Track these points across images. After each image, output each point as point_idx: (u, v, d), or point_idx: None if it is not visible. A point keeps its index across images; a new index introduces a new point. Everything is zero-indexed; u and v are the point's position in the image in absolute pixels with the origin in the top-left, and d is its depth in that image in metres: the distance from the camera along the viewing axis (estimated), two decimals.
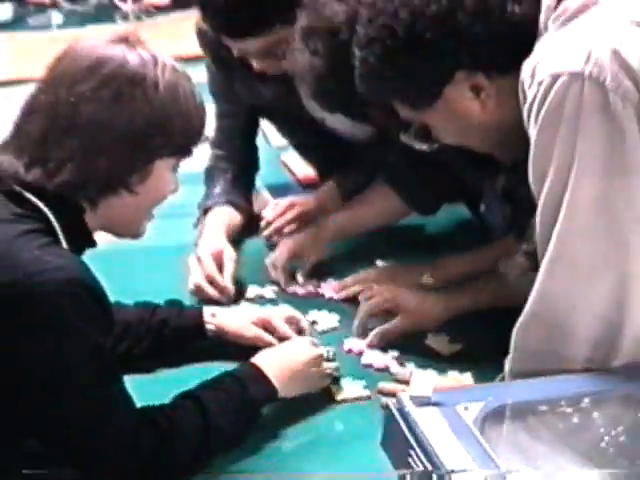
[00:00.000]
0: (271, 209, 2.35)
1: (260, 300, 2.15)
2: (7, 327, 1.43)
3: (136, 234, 1.68)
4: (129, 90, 1.51)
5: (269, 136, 2.86)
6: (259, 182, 2.57)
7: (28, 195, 1.51)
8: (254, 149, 2.54)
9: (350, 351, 1.92)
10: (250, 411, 1.66)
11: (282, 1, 2.03)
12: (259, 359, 1.73)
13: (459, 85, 1.55)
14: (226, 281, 2.14)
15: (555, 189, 1.41)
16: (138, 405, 1.56)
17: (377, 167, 2.29)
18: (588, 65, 1.37)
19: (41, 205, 1.51)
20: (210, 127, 2.19)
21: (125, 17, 4.68)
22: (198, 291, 2.13)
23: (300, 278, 2.19)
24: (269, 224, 2.33)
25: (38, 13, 4.99)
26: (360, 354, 1.90)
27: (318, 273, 2.21)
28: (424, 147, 1.71)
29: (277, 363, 1.72)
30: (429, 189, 2.23)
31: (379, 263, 2.23)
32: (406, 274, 2.09)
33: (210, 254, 2.18)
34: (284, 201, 2.36)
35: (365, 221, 2.30)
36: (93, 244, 1.62)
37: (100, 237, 1.65)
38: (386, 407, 1.51)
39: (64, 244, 1.52)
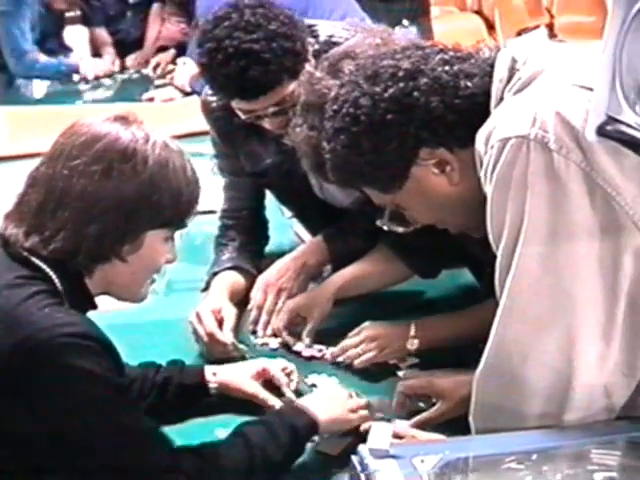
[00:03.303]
0: (256, 291, 2.37)
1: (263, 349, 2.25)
2: (24, 382, 1.50)
3: (136, 298, 1.77)
4: (119, 165, 1.61)
5: (283, 207, 2.94)
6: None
7: (34, 259, 1.60)
8: (262, 219, 2.62)
9: None
10: (294, 440, 1.73)
11: (286, 55, 2.15)
12: (300, 400, 1.84)
13: (424, 162, 1.62)
14: (226, 334, 2.21)
15: (508, 246, 1.48)
16: None
17: (376, 231, 2.31)
18: (534, 128, 1.45)
19: (46, 268, 1.60)
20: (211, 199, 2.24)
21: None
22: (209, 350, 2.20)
23: (306, 339, 2.24)
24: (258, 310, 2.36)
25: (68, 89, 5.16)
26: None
27: (323, 335, 2.25)
28: (400, 230, 1.77)
29: (318, 402, 1.82)
30: (430, 253, 2.25)
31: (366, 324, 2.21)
32: (394, 338, 2.12)
33: (210, 311, 2.25)
34: (260, 283, 2.37)
35: (367, 282, 2.34)
36: (94, 306, 1.70)
37: (106, 304, 1.75)
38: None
39: (67, 305, 1.60)
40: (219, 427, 1.88)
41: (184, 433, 1.85)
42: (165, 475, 1.58)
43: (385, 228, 1.78)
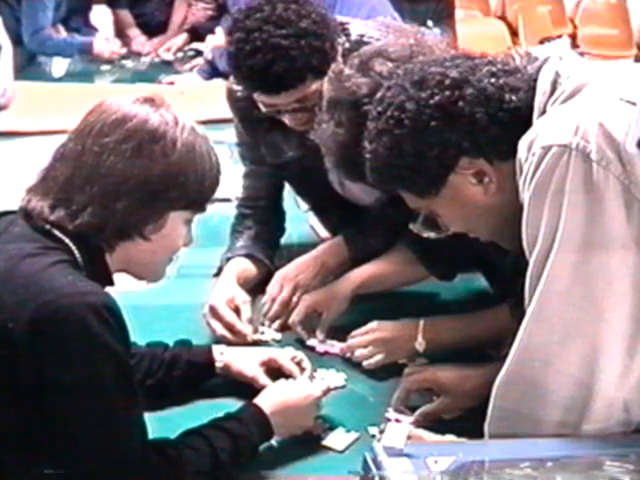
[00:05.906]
0: (272, 284, 2.35)
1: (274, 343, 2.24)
2: (41, 344, 1.51)
3: (153, 278, 1.80)
4: (149, 145, 1.63)
5: (299, 200, 2.92)
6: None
7: (56, 232, 1.62)
8: (279, 211, 2.62)
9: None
10: (250, 452, 1.75)
11: (314, 54, 2.14)
12: (263, 400, 1.82)
13: (463, 171, 1.63)
14: (245, 324, 2.22)
15: (542, 253, 1.49)
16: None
17: (395, 232, 2.30)
18: (576, 137, 1.46)
19: (68, 242, 1.62)
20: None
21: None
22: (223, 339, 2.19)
23: (320, 335, 2.23)
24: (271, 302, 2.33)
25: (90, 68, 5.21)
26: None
27: (335, 331, 2.23)
28: (432, 235, 1.78)
29: (279, 407, 1.81)
30: (449, 256, 2.23)
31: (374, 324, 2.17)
32: (403, 341, 2.10)
33: (225, 302, 2.25)
34: (278, 277, 2.35)
35: (384, 281, 2.32)
36: (111, 283, 1.72)
37: (117, 285, 1.74)
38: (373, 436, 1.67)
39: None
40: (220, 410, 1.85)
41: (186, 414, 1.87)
42: (131, 468, 1.57)
43: (416, 231, 1.78)
